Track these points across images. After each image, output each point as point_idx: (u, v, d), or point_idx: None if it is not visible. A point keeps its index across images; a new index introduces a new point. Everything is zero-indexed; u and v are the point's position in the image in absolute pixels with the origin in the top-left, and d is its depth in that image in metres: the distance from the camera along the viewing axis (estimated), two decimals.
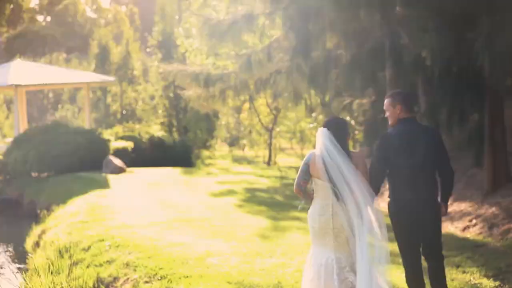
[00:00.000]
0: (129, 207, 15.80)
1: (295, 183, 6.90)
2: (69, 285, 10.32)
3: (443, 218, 13.49)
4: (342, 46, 16.21)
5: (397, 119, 7.13)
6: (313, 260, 6.79)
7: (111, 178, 22.82)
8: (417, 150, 6.91)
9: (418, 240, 6.96)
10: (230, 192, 19.66)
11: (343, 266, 6.61)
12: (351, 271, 6.58)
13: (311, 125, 36.06)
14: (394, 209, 7.00)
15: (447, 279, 8.87)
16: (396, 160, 6.93)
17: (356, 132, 32.77)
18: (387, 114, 7.29)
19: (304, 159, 6.85)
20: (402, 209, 6.95)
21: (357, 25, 14.45)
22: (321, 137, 6.71)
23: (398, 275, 8.25)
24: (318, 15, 14.70)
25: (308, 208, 6.97)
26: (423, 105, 17.31)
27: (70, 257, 11.69)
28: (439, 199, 7.14)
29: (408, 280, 7.24)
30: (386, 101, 7.26)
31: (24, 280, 11.79)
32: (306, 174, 6.78)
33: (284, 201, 17.96)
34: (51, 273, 11.41)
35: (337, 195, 6.59)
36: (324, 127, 6.78)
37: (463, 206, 14.00)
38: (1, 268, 14.07)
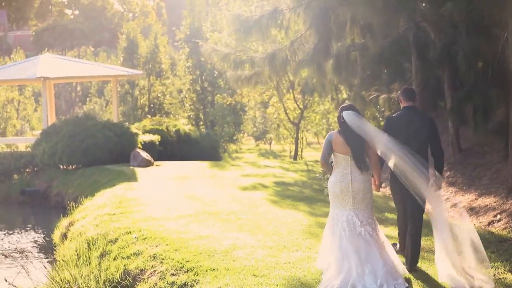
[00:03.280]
0: (156, 200, 15.87)
1: (320, 158, 8.62)
2: (97, 277, 10.46)
3: (468, 213, 13.41)
4: (367, 40, 16.20)
5: (401, 107, 9.32)
6: (336, 219, 8.56)
7: (139, 171, 22.96)
8: (412, 129, 8.85)
9: (405, 203, 8.98)
10: (257, 186, 19.64)
11: (361, 220, 8.41)
12: (367, 224, 8.41)
13: None
14: (392, 177, 8.85)
15: None
16: (397, 137, 8.62)
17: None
18: None
19: (326, 138, 8.64)
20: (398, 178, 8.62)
21: (381, 19, 14.43)
22: (350, 115, 8.44)
23: None
24: (340, 9, 14.72)
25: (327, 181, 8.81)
26: (449, 100, 17.27)
27: (97, 249, 11.82)
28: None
29: (400, 220, 9.44)
30: None
31: (53, 271, 11.96)
32: (330, 149, 8.53)
33: (312, 195, 17.87)
34: (78, 264, 11.57)
35: (360, 163, 8.41)
36: (345, 110, 8.54)
37: (488, 201, 13.95)
38: (31, 262, 14.25)
